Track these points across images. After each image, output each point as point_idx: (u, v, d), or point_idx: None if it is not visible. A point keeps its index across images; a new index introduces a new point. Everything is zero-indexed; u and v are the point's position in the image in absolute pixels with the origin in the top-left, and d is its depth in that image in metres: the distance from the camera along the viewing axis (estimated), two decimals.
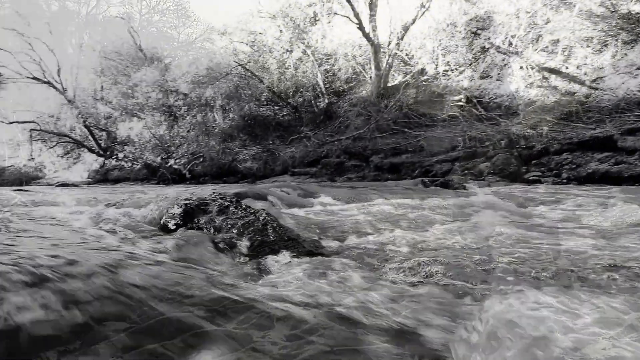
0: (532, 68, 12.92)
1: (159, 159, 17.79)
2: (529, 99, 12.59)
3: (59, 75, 22.27)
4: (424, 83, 15.37)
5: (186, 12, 27.18)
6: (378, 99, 15.54)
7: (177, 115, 20.17)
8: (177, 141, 18.62)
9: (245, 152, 16.09)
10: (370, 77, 16.50)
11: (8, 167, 23.12)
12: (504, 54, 13.81)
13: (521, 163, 9.51)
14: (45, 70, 21.84)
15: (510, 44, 13.70)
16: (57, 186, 14.73)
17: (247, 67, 17.97)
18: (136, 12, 26.91)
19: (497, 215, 3.50)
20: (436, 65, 15.37)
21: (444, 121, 13.37)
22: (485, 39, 14.34)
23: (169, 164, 17.09)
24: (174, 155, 17.91)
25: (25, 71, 21.47)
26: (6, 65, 20.53)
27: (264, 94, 18.55)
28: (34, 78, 21.89)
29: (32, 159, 23.73)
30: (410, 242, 2.42)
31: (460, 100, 13.93)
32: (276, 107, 18.89)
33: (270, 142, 16.72)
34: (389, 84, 16.00)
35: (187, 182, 15.32)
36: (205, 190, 2.91)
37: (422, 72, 15.78)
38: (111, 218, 2.64)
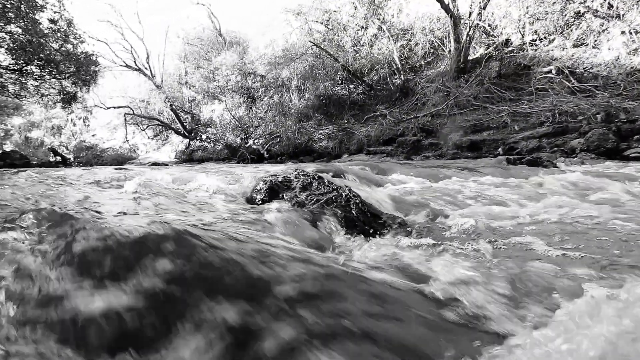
0: (637, 32, 11.56)
1: (238, 140, 18.55)
2: (632, 68, 11.31)
3: (147, 63, 23.93)
4: (508, 55, 14.40)
5: None
6: (457, 74, 14.84)
7: (255, 96, 20.82)
8: (255, 122, 19.25)
9: (320, 131, 16.24)
10: (449, 50, 15.76)
11: (107, 149, 25.32)
12: (602, 18, 12.48)
13: (620, 139, 8.64)
14: (136, 58, 23.56)
15: (611, 6, 12.33)
16: (149, 165, 15.92)
17: (322, 46, 17.97)
18: None
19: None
20: (522, 34, 14.29)
21: (530, 95, 12.48)
22: (580, 3, 13.02)
23: (248, 144, 17.76)
24: (252, 135, 18.56)
25: (118, 60, 23.35)
26: (103, 55, 22.36)
27: (339, 73, 18.47)
28: (127, 66, 23.73)
29: (127, 141, 25.76)
30: (499, 222, 2.32)
31: (549, 72, 12.88)
32: (351, 86, 18.76)
33: (346, 121, 16.71)
34: (470, 58, 15.18)
35: (265, 162, 15.84)
36: (287, 169, 3.00)
37: (507, 43, 14.78)
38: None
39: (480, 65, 14.49)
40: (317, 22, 19.64)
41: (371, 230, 2.02)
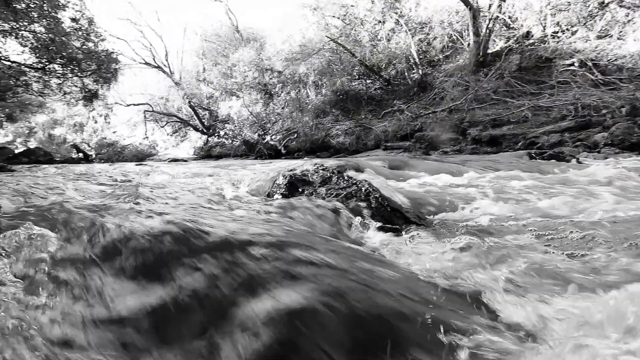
0: None
1: (256, 136, 18.66)
2: None
3: (166, 60, 24.23)
4: (529, 48, 14.10)
5: None
6: (477, 68, 14.61)
7: (272, 92, 20.89)
8: (272, 118, 19.33)
9: (337, 127, 16.20)
10: (468, 44, 15.52)
11: (127, 145, 25.73)
12: (628, 8, 12.11)
13: None
14: (155, 56, 23.86)
15: None
16: (169, 161, 16.15)
17: (339, 41, 17.88)
18: None
19: None
20: (544, 26, 13.97)
21: (552, 88, 12.21)
22: None
23: (266, 140, 17.85)
24: (270, 131, 18.64)
25: (138, 57, 23.69)
26: (123, 53, 22.70)
27: (356, 68, 18.38)
28: (146, 63, 24.06)
29: (147, 137, 26.15)
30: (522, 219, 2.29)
31: (572, 65, 12.58)
32: (368, 81, 18.65)
33: (363, 116, 16.63)
34: (489, 51, 14.92)
35: (283, 157, 15.88)
36: (305, 163, 3.01)
37: (528, 35, 14.47)
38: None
39: (500, 59, 14.23)
40: (333, 17, 19.53)
41: (391, 225, 2.01)
